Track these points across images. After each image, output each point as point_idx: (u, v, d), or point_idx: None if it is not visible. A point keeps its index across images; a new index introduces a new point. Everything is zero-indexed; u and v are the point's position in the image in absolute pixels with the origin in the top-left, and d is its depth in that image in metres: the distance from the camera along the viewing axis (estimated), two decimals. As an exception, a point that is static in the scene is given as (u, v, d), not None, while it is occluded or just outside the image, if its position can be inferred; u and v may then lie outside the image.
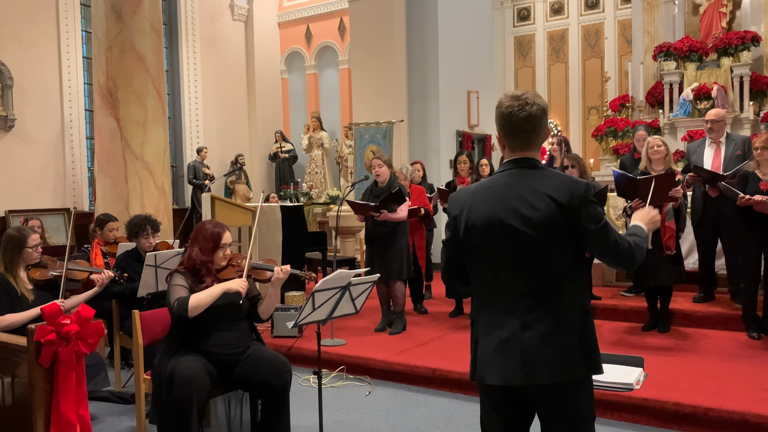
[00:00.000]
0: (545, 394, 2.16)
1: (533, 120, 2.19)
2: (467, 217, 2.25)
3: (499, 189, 2.21)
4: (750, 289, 5.30)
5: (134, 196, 6.86)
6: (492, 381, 2.18)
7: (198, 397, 3.24)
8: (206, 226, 3.67)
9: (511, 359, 2.14)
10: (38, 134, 9.80)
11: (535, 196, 2.14)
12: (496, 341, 2.18)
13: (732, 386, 4.19)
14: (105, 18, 6.83)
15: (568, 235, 2.14)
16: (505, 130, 2.24)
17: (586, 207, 2.13)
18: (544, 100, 2.25)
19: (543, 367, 2.11)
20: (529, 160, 2.23)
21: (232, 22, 13.06)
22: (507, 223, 2.15)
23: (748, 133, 8.12)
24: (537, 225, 2.12)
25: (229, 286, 3.47)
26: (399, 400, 4.62)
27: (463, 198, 2.30)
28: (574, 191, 2.13)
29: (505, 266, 2.19)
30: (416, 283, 6.89)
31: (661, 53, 9.14)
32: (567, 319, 2.15)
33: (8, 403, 3.29)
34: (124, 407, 4.53)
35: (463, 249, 2.29)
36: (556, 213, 2.11)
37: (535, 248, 2.14)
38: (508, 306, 2.18)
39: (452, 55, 10.18)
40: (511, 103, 2.20)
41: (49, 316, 3.13)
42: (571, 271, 2.18)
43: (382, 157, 6.05)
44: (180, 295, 3.43)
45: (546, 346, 2.12)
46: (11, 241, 4.18)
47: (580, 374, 2.15)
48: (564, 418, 2.19)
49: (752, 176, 5.12)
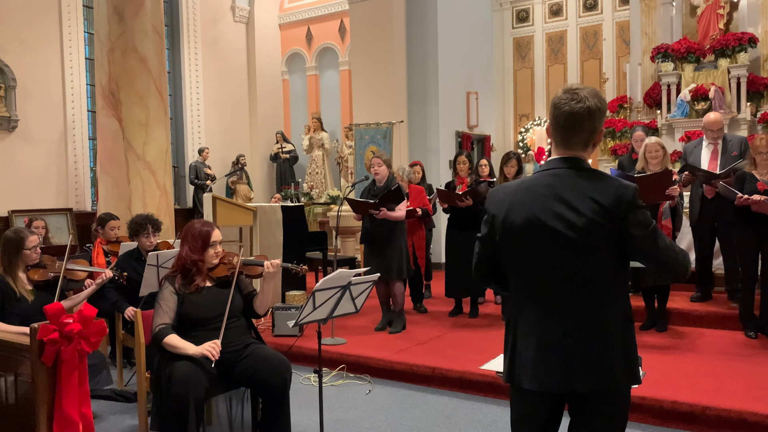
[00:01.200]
0: (584, 402, 2.11)
1: (576, 117, 2.08)
2: (506, 217, 2.17)
3: (542, 189, 2.12)
4: (747, 289, 5.33)
5: (136, 196, 6.90)
6: (530, 386, 2.11)
7: (195, 396, 3.26)
8: (195, 225, 3.68)
9: (551, 365, 2.08)
10: (41, 135, 9.81)
11: (580, 199, 2.05)
12: (536, 346, 2.11)
13: (729, 385, 4.21)
14: (107, 19, 6.87)
15: (613, 240, 2.05)
16: (552, 123, 2.16)
17: (634, 212, 2.04)
18: (601, 100, 2.11)
19: (584, 374, 2.05)
20: (573, 160, 2.13)
21: (233, 23, 13.07)
22: (549, 225, 2.07)
23: (745, 134, 8.15)
24: (581, 229, 2.04)
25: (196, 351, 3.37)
26: (399, 399, 4.64)
27: (503, 196, 2.21)
28: (622, 196, 2.03)
29: (546, 269, 2.11)
30: (416, 282, 6.92)
31: (659, 54, 9.17)
32: (609, 327, 2.08)
33: (11, 401, 3.30)
34: (125, 405, 4.56)
35: (500, 248, 2.22)
36: (601, 218, 2.02)
37: (578, 253, 2.06)
38: (548, 310, 2.11)
39: (452, 56, 10.21)
40: (561, 96, 2.11)
41: (52, 316, 3.14)
42: (615, 277, 2.11)
43: (382, 157, 6.09)
44: (164, 320, 3.46)
45: (588, 353, 2.05)
46: (9, 242, 4.18)
47: (621, 384, 2.08)
48: (597, 426, 2.13)
49: (750, 177, 5.16)
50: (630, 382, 2.09)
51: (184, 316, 3.54)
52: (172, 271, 3.66)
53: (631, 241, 2.05)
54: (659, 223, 5.34)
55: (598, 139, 2.14)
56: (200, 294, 3.59)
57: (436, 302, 7.30)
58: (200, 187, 11.32)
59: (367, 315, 6.37)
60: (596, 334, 2.06)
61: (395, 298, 6.06)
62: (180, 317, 3.53)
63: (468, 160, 6.88)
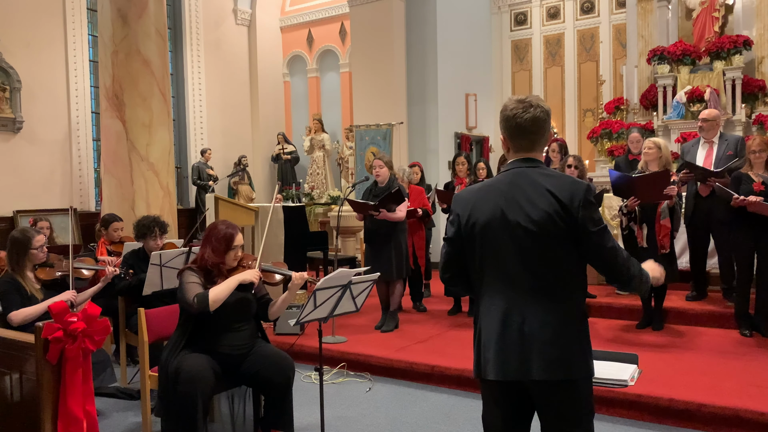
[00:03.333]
0: (544, 391, 2.18)
1: (537, 122, 2.22)
2: (471, 215, 2.26)
3: (503, 187, 2.23)
4: (742, 288, 5.37)
5: (140, 197, 6.90)
6: (492, 376, 2.19)
7: (203, 394, 3.29)
8: (219, 227, 3.64)
9: (509, 354, 2.16)
10: (46, 136, 9.85)
11: (538, 193, 2.16)
12: (496, 337, 2.19)
13: (724, 382, 4.23)
14: (111, 22, 6.87)
15: (569, 234, 2.15)
16: (509, 132, 2.28)
17: (587, 208, 2.15)
18: (547, 105, 2.29)
19: (540, 363, 2.12)
20: (532, 160, 2.26)
21: (235, 26, 13.10)
22: (511, 219, 2.17)
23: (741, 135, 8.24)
24: (539, 222, 2.14)
25: (243, 277, 3.52)
26: (399, 396, 4.65)
27: (468, 196, 2.32)
28: (575, 191, 2.15)
29: (507, 262, 2.19)
30: (416, 281, 6.94)
31: (655, 57, 9.23)
32: (566, 319, 2.16)
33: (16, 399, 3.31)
34: (129, 403, 4.59)
35: (465, 246, 2.30)
36: (559, 210, 2.13)
37: (538, 245, 2.15)
38: (509, 302, 2.19)
39: (451, 58, 10.26)
40: (515, 106, 2.24)
41: (57, 314, 3.14)
42: (572, 271, 2.20)
43: (383, 158, 6.09)
44: (197, 291, 3.42)
45: (544, 342, 2.13)
46: (16, 243, 4.23)
47: (575, 373, 2.16)
48: (562, 415, 2.20)
49: (745, 177, 5.18)
50: (585, 373, 2.19)
51: (204, 316, 3.50)
52: (194, 265, 3.62)
53: (583, 235, 2.15)
54: (657, 223, 5.37)
55: (548, 140, 2.35)
56: None
57: (436, 301, 7.31)
58: (203, 188, 11.34)
59: (367, 314, 6.39)
60: (553, 326, 2.14)
61: (393, 298, 6.09)
62: (200, 319, 3.50)
63: (467, 161, 6.90)
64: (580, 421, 2.21)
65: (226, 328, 3.52)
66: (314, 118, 12.80)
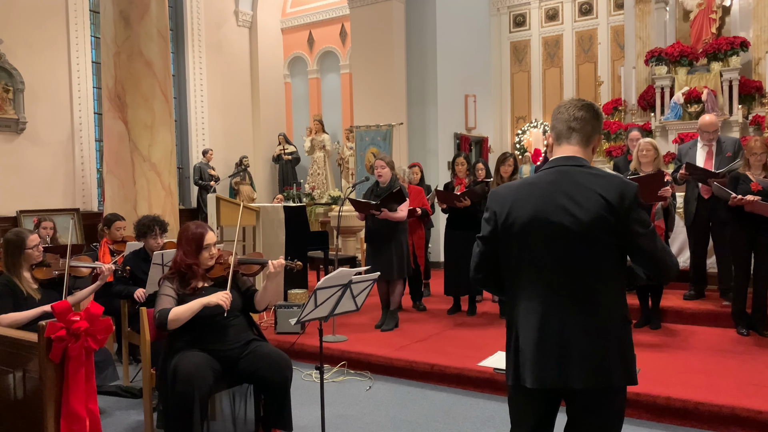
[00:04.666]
0: (582, 399, 2.11)
1: (582, 120, 2.18)
2: (509, 213, 2.17)
3: (545, 186, 2.14)
4: (740, 287, 5.39)
5: (142, 197, 6.93)
6: (530, 384, 2.11)
7: (200, 392, 3.28)
8: (189, 228, 3.67)
9: (548, 361, 2.08)
10: (49, 136, 9.88)
11: (584, 193, 2.07)
12: (535, 342, 2.10)
13: (721, 381, 4.24)
14: (113, 24, 6.90)
15: (615, 236, 2.06)
16: (555, 130, 2.24)
17: (637, 210, 2.07)
18: (599, 108, 2.26)
19: (580, 371, 2.05)
20: (576, 159, 2.17)
21: (236, 28, 13.14)
22: (554, 220, 2.08)
23: (737, 136, 8.23)
24: (585, 223, 2.04)
25: (209, 300, 3.47)
26: (398, 395, 4.67)
27: (506, 194, 2.22)
28: (626, 192, 2.06)
29: (548, 265, 2.11)
30: (415, 281, 6.94)
31: (653, 58, 9.27)
32: (608, 326, 2.08)
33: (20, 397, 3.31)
34: (131, 401, 4.61)
35: (501, 246, 2.22)
36: (606, 212, 2.04)
37: (581, 248, 2.06)
38: (548, 306, 2.10)
39: (450, 59, 10.29)
40: (567, 104, 2.23)
41: (60, 314, 3.14)
42: (615, 276, 2.11)
43: (385, 159, 6.10)
44: (163, 306, 3.46)
45: (585, 350, 2.05)
46: (11, 244, 4.21)
47: (616, 383, 2.08)
48: (597, 423, 2.13)
49: (743, 177, 5.21)
50: (626, 382, 2.10)
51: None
52: (169, 272, 3.66)
53: (632, 237, 2.07)
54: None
55: (597, 142, 2.24)
56: (197, 294, 3.57)
57: (435, 300, 7.32)
58: (204, 188, 11.36)
59: (367, 313, 6.41)
60: (595, 332, 2.06)
61: (393, 297, 6.11)
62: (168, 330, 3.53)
63: (466, 162, 6.86)
64: (609, 429, 2.15)
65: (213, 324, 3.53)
66: (315, 119, 12.83)
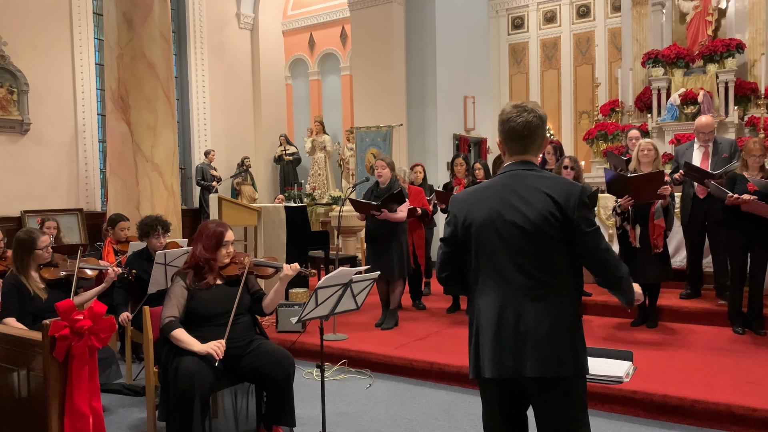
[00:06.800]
0: (537, 388, 2.21)
1: (529, 127, 2.28)
2: (467, 215, 2.31)
3: (499, 188, 2.29)
4: (736, 286, 5.43)
5: (144, 197, 6.96)
6: (489, 374, 2.22)
7: (200, 390, 3.31)
8: (209, 225, 3.77)
9: (505, 352, 2.19)
10: (53, 137, 9.93)
11: (534, 194, 2.20)
12: (492, 335, 2.22)
13: (717, 379, 4.28)
14: (117, 26, 6.94)
15: (564, 234, 2.19)
16: (504, 136, 2.35)
17: (582, 209, 2.20)
18: (543, 111, 2.35)
19: (533, 360, 2.15)
20: (527, 163, 2.31)
21: (238, 30, 13.20)
22: (507, 219, 2.22)
23: (733, 137, 8.25)
24: (535, 222, 2.18)
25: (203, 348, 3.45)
26: (398, 393, 4.69)
27: (464, 197, 2.37)
28: (571, 191, 2.21)
29: (502, 262, 2.23)
30: (415, 280, 6.98)
31: (650, 60, 9.30)
32: (560, 317, 2.20)
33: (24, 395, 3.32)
34: (134, 399, 4.64)
35: (461, 246, 2.34)
36: (554, 210, 2.17)
37: (533, 245, 2.19)
38: (504, 301, 2.22)
39: (449, 61, 10.36)
40: (510, 111, 2.31)
41: (63, 312, 3.15)
42: (566, 271, 2.24)
43: (385, 159, 6.14)
44: (171, 313, 3.54)
45: (538, 340, 2.16)
46: (22, 243, 4.23)
47: (567, 372, 2.19)
48: (555, 412, 2.23)
49: (740, 178, 5.24)
50: (577, 372, 2.21)
51: (192, 311, 3.60)
52: (184, 267, 3.74)
53: (577, 235, 2.20)
54: (651, 222, 5.44)
55: (545, 145, 2.40)
56: (210, 291, 3.66)
57: (435, 299, 7.36)
58: (206, 188, 11.40)
59: (367, 312, 6.45)
60: (547, 324, 2.18)
61: (393, 296, 6.15)
62: (188, 312, 3.60)
63: (465, 162, 6.92)
64: (571, 417, 2.24)
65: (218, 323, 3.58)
66: (315, 120, 12.87)
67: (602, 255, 2.23)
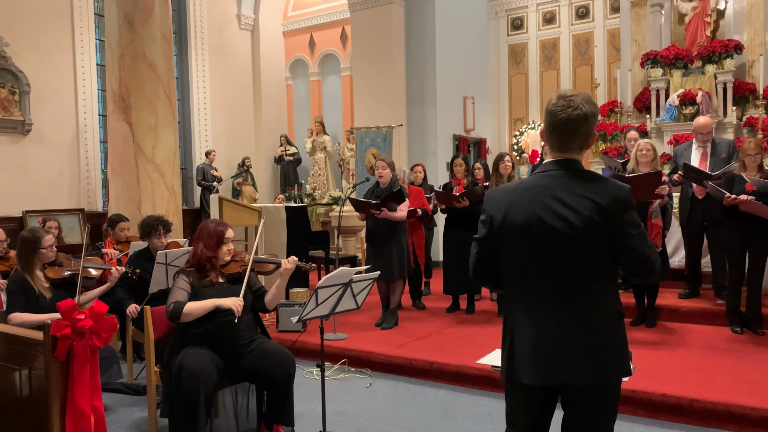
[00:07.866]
0: (577, 394, 2.16)
1: (572, 123, 2.15)
2: (505, 216, 2.21)
3: (540, 190, 2.17)
4: (734, 286, 5.46)
5: (146, 197, 7.00)
6: (528, 380, 2.16)
7: (205, 389, 3.33)
8: (209, 224, 3.82)
9: (547, 359, 2.12)
10: (54, 138, 9.96)
11: (576, 199, 2.11)
12: (533, 340, 2.15)
13: (716, 378, 4.29)
14: (118, 27, 6.98)
15: (608, 238, 2.10)
16: (547, 129, 2.23)
17: (629, 212, 2.11)
18: (594, 105, 2.19)
19: (578, 368, 2.09)
20: (569, 162, 2.19)
21: (239, 31, 13.24)
22: (549, 224, 2.12)
23: (731, 137, 8.27)
24: (578, 227, 2.09)
25: (222, 302, 3.56)
26: (398, 392, 4.70)
27: (502, 197, 2.25)
28: (617, 195, 2.11)
29: (543, 266, 2.15)
30: (415, 280, 6.98)
31: (649, 61, 9.30)
32: (603, 322, 2.13)
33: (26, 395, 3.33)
34: (135, 398, 4.66)
35: (498, 248, 2.26)
36: (597, 216, 2.08)
37: (576, 250, 2.11)
38: (545, 306, 2.15)
39: (449, 62, 10.36)
40: (556, 103, 2.18)
41: (65, 312, 3.16)
42: (608, 275, 2.16)
43: (386, 160, 6.15)
44: (177, 299, 3.55)
45: (582, 347, 2.10)
46: (26, 242, 4.26)
47: (612, 377, 2.14)
48: (590, 418, 2.18)
49: (738, 178, 5.28)
50: (621, 375, 2.16)
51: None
52: (187, 266, 3.76)
53: (624, 238, 2.11)
54: (649, 222, 5.44)
55: (591, 141, 2.23)
56: (212, 288, 3.68)
57: (435, 299, 7.37)
58: (207, 189, 11.41)
59: (367, 311, 6.46)
60: (591, 329, 2.11)
61: (393, 296, 6.16)
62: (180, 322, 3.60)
63: (464, 163, 6.88)
64: (605, 422, 2.21)
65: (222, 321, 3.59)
66: (316, 121, 12.91)
67: (648, 254, 2.16)
